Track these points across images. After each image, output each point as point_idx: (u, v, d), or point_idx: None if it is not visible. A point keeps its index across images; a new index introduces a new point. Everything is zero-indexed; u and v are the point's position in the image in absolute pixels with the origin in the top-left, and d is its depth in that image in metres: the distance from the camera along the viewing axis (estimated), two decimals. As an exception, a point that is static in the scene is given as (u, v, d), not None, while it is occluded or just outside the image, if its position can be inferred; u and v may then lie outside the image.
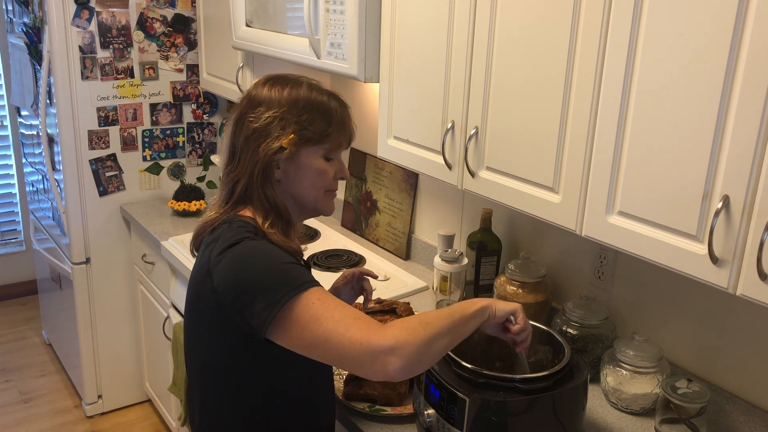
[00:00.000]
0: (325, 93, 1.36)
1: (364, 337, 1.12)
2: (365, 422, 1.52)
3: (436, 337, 1.16)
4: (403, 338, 1.12)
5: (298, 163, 1.32)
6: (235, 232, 1.26)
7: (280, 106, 1.30)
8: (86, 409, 3.16)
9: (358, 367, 1.14)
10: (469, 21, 1.52)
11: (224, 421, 1.35)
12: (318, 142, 1.32)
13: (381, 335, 1.12)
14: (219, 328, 1.26)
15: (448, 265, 1.97)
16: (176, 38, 2.95)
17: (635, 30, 1.18)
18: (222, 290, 1.22)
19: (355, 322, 1.15)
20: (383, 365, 1.11)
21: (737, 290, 1.10)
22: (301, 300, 1.16)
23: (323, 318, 1.15)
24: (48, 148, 2.93)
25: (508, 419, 1.29)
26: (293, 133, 1.29)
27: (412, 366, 1.13)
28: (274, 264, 1.21)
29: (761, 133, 1.03)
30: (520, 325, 1.33)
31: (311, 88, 1.34)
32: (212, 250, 1.26)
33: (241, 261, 1.22)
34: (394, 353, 1.11)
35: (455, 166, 1.63)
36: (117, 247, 3.03)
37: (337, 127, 1.34)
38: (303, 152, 1.32)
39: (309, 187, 1.35)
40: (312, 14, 1.92)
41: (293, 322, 1.16)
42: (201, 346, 1.34)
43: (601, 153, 1.27)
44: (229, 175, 1.34)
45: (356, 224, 2.67)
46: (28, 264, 4.16)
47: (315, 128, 1.31)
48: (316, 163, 1.33)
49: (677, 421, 1.46)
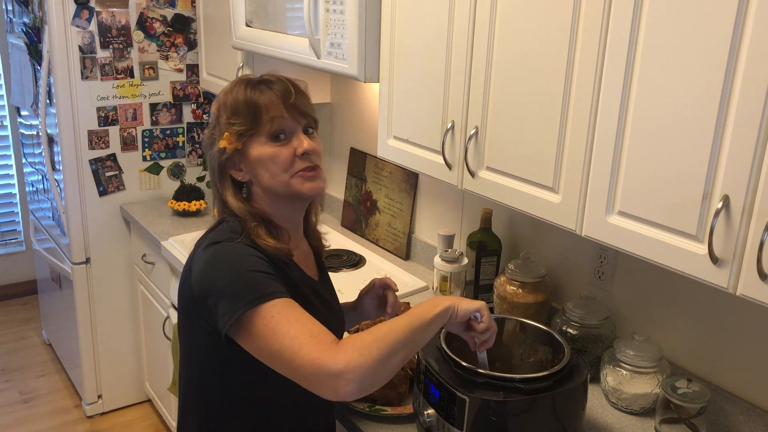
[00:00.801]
0: (243, 83, 1.33)
1: (315, 359, 1.11)
2: (365, 422, 1.52)
3: (390, 355, 1.14)
4: (354, 361, 1.11)
5: (251, 158, 1.32)
6: (220, 231, 1.30)
7: (213, 117, 1.35)
8: (86, 409, 3.16)
9: (311, 386, 1.14)
10: (469, 21, 1.52)
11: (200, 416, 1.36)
12: (251, 131, 1.31)
13: (332, 358, 1.11)
14: (197, 322, 1.29)
15: (448, 265, 1.97)
16: (176, 38, 2.95)
17: (635, 29, 1.18)
18: (195, 286, 1.25)
19: (310, 341, 1.13)
20: (334, 388, 1.11)
21: (737, 290, 1.10)
22: (261, 312, 1.16)
23: (279, 333, 1.15)
24: (48, 148, 2.93)
25: (508, 419, 1.29)
26: (225, 131, 1.31)
27: (364, 387, 1.12)
28: (241, 271, 1.21)
29: (761, 133, 1.03)
30: (485, 324, 1.30)
31: (234, 84, 1.35)
32: (199, 246, 1.31)
33: (213, 262, 1.24)
34: (344, 377, 1.10)
35: (455, 166, 1.63)
36: (117, 247, 3.03)
37: (259, 112, 1.30)
38: (249, 146, 1.31)
39: (270, 176, 1.32)
40: (312, 14, 1.92)
41: (251, 332, 1.17)
42: (185, 340, 1.37)
43: (601, 153, 1.27)
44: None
45: (356, 224, 2.67)
46: (28, 264, 4.16)
47: (240, 120, 1.31)
48: (264, 151, 1.31)
49: (677, 421, 1.46)
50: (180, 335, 1.40)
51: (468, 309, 1.28)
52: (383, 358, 1.13)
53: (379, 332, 1.16)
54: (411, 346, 1.19)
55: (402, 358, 1.17)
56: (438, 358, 1.39)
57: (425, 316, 1.22)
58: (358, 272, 2.31)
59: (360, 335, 1.16)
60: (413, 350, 1.20)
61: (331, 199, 2.86)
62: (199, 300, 1.24)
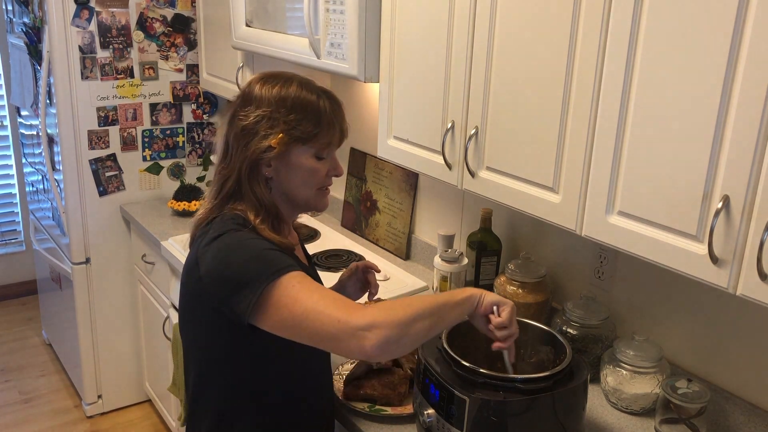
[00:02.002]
0: (315, 91, 1.35)
1: (343, 315, 1.14)
2: (365, 422, 1.52)
3: (416, 318, 1.17)
4: (381, 317, 1.14)
5: (289, 162, 1.32)
6: (223, 224, 1.29)
7: (269, 105, 1.30)
8: (86, 409, 3.16)
9: (336, 343, 1.15)
10: (469, 21, 1.52)
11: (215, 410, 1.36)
12: (307, 142, 1.32)
13: (359, 314, 1.14)
14: (208, 318, 1.29)
15: (448, 265, 1.97)
16: (176, 38, 2.95)
17: (635, 29, 1.18)
18: (207, 280, 1.25)
19: (334, 302, 1.17)
20: (360, 341, 1.13)
21: (737, 290, 1.10)
22: (281, 283, 1.18)
23: (302, 299, 1.17)
24: (48, 148, 2.93)
25: (508, 419, 1.29)
26: (282, 133, 1.29)
27: (389, 344, 1.14)
28: (253, 252, 1.23)
29: (761, 132, 1.03)
30: (502, 320, 1.30)
31: (301, 86, 1.34)
32: (201, 243, 1.29)
33: (224, 251, 1.24)
34: (371, 330, 1.12)
35: (455, 166, 1.63)
36: (117, 247, 3.03)
37: (326, 127, 1.33)
38: (293, 151, 1.32)
39: (300, 185, 1.35)
40: (312, 14, 1.92)
41: (273, 304, 1.18)
42: (195, 337, 1.37)
43: (601, 153, 1.27)
44: (221, 172, 1.35)
45: (356, 224, 2.67)
46: (28, 264, 4.16)
47: (303, 128, 1.31)
48: (306, 162, 1.34)
49: (677, 421, 1.46)
50: (186, 334, 1.40)
51: (491, 301, 1.31)
52: (409, 319, 1.16)
53: (408, 300, 1.21)
54: (435, 318, 1.21)
55: (426, 327, 1.19)
56: (438, 358, 1.39)
57: (453, 297, 1.27)
58: (358, 272, 2.31)
59: (386, 301, 1.20)
60: (437, 323, 1.22)
61: (331, 199, 2.85)
62: (212, 291, 1.24)
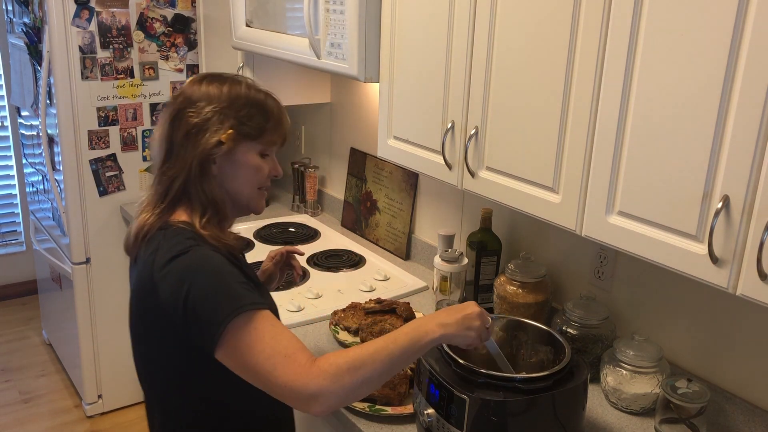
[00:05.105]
0: (262, 91, 1.37)
1: (289, 381, 1.12)
2: (365, 422, 1.52)
3: (364, 383, 1.16)
4: (326, 388, 1.12)
5: (235, 159, 1.32)
6: (176, 240, 1.24)
7: (220, 102, 1.31)
8: (86, 409, 3.16)
9: (286, 402, 1.16)
10: (469, 20, 1.52)
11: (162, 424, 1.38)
12: (255, 138, 1.33)
13: (305, 381, 1.12)
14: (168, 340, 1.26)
15: (448, 265, 1.97)
16: (176, 38, 2.95)
17: (635, 29, 1.18)
18: (169, 304, 1.20)
19: (284, 361, 1.13)
20: (306, 407, 1.14)
21: (737, 290, 1.10)
22: (239, 325, 1.16)
23: (256, 350, 1.15)
24: (48, 148, 2.93)
25: (508, 419, 1.29)
26: (231, 128, 1.30)
27: (334, 408, 1.16)
28: (216, 283, 1.19)
29: (761, 132, 1.03)
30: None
31: (249, 86, 1.36)
32: (154, 262, 1.24)
33: (187, 274, 1.19)
34: (316, 400, 1.12)
35: (455, 166, 1.63)
36: (117, 247, 3.02)
37: (274, 124, 1.35)
38: (240, 148, 1.32)
39: (244, 183, 1.35)
40: (312, 14, 1.92)
41: (231, 345, 1.16)
42: (152, 359, 1.36)
43: (601, 153, 1.27)
44: (165, 173, 1.32)
45: (356, 224, 2.67)
46: (28, 264, 4.16)
47: (253, 124, 1.32)
48: (252, 160, 1.34)
49: (677, 421, 1.46)
50: (144, 356, 1.39)
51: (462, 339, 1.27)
52: (356, 385, 1.15)
53: (357, 358, 1.16)
54: (389, 373, 1.20)
55: (376, 384, 1.19)
56: (438, 358, 1.39)
57: (411, 346, 1.21)
58: (358, 272, 2.31)
59: (337, 357, 1.15)
60: (392, 375, 1.22)
61: (331, 199, 2.86)
62: (175, 315, 1.20)
